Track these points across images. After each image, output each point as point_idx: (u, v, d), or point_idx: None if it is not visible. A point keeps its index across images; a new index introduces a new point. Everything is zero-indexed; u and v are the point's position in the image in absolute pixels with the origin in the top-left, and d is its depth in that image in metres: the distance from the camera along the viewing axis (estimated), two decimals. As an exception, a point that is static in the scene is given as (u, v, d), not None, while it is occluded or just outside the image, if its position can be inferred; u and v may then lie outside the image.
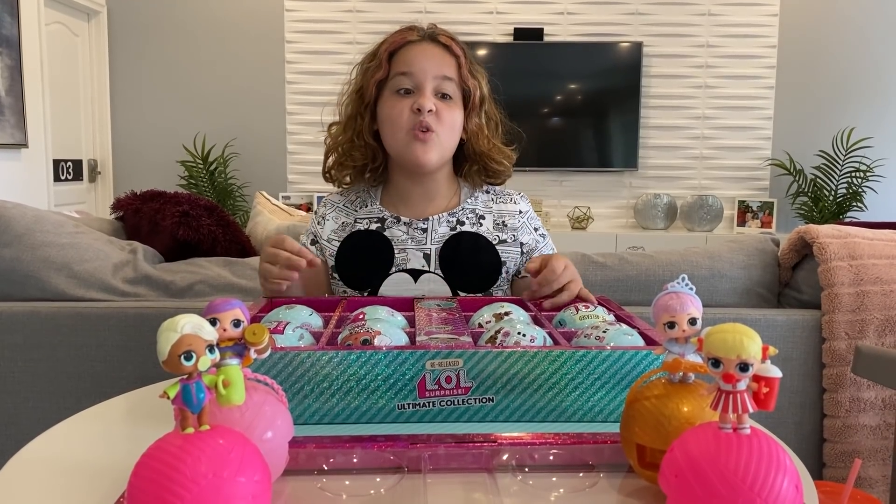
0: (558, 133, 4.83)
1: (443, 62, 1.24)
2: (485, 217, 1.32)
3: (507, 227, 1.31)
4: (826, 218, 4.58)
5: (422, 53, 1.24)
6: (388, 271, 1.25)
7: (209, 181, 4.73)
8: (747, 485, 0.49)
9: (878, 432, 1.55)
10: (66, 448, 0.76)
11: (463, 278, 1.26)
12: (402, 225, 1.29)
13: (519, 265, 1.32)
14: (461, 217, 1.31)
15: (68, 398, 1.53)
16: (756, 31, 4.81)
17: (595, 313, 0.96)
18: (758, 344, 0.51)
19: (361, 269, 1.27)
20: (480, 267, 1.27)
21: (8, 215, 1.54)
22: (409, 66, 1.23)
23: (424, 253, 1.26)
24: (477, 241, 1.28)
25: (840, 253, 1.56)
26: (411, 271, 1.25)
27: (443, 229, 1.28)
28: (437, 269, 1.26)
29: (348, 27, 4.84)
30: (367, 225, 1.30)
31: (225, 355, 0.57)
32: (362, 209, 1.33)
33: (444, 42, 1.27)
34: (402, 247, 1.27)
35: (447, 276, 1.25)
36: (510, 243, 1.30)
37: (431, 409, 0.77)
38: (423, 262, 1.26)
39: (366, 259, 1.27)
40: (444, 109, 1.22)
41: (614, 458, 0.68)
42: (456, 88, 1.25)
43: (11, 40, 3.74)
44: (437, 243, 1.27)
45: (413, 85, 1.22)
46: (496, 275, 1.27)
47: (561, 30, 4.84)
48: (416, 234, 1.28)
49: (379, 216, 1.30)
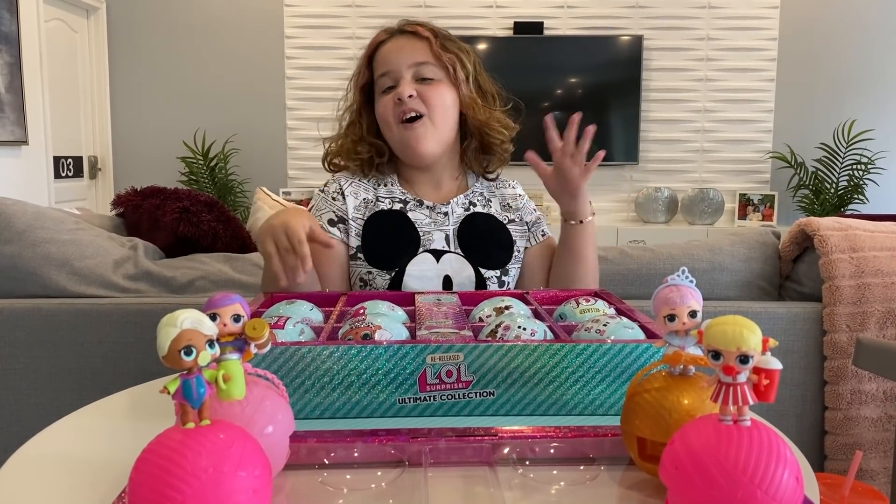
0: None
1: (414, 49, 1.27)
2: (491, 201, 1.37)
3: (512, 208, 1.37)
4: (827, 210, 4.58)
5: (394, 49, 1.28)
6: (416, 251, 1.26)
7: (209, 177, 4.73)
8: (748, 477, 0.49)
9: (879, 424, 1.55)
10: (68, 444, 0.76)
11: (481, 255, 1.29)
12: (425, 209, 1.31)
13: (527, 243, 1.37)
14: (472, 199, 1.35)
15: (70, 394, 1.53)
16: (756, 24, 4.80)
17: (595, 307, 0.96)
18: (758, 336, 0.51)
19: (389, 248, 1.27)
20: (496, 244, 1.32)
21: (8, 212, 1.54)
22: (385, 65, 1.27)
23: (445, 234, 1.30)
24: (489, 220, 1.34)
25: (841, 245, 1.56)
26: (433, 251, 1.28)
27: (459, 211, 1.33)
28: (457, 247, 1.29)
29: (348, 22, 4.82)
30: (389, 204, 1.31)
31: (225, 350, 0.57)
32: (382, 188, 1.33)
33: (411, 30, 1.30)
34: (425, 229, 1.29)
35: (467, 255, 1.28)
36: (517, 223, 1.36)
37: (432, 403, 0.78)
38: (444, 244, 1.29)
39: (392, 239, 1.28)
40: (427, 90, 1.25)
41: (615, 451, 0.68)
42: (436, 69, 1.27)
43: (11, 37, 3.73)
44: (455, 224, 1.31)
45: (393, 80, 1.27)
46: (510, 253, 1.32)
47: (561, 23, 4.83)
48: (438, 217, 1.31)
49: (401, 198, 1.32)
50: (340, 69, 4.79)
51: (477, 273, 1.27)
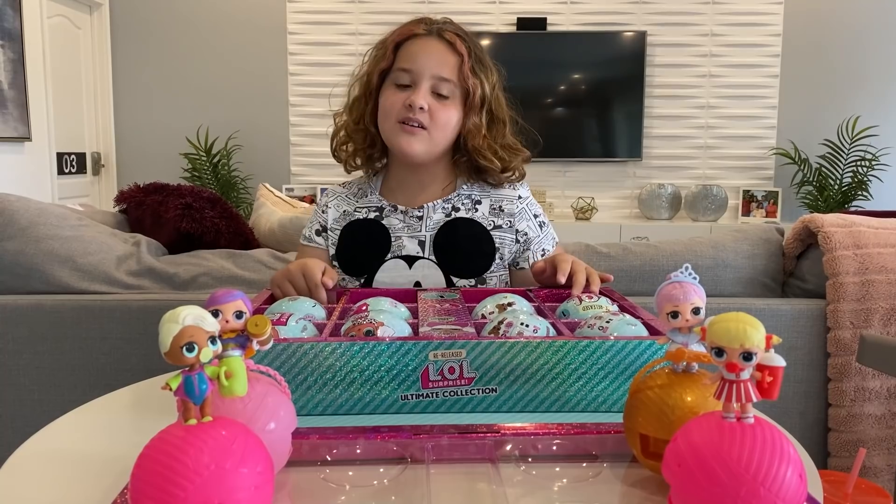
0: (562, 123, 4.82)
1: (443, 61, 1.24)
2: (481, 202, 1.32)
3: (503, 212, 1.31)
4: (831, 207, 4.56)
5: (424, 50, 1.24)
6: (385, 258, 1.27)
7: (212, 173, 4.74)
8: (751, 474, 0.49)
9: (882, 421, 1.54)
10: (72, 440, 0.76)
11: (456, 264, 1.27)
12: (399, 213, 1.31)
13: (515, 253, 1.31)
14: (456, 203, 1.32)
15: (73, 390, 1.53)
16: (761, 20, 4.78)
17: (598, 303, 0.96)
18: (761, 333, 0.51)
19: (359, 255, 1.29)
20: (474, 253, 1.28)
21: (12, 208, 1.54)
22: (410, 61, 1.23)
23: (419, 240, 1.28)
24: (471, 227, 1.29)
25: (845, 242, 1.56)
26: (406, 258, 1.27)
27: (438, 216, 1.30)
28: (432, 255, 1.27)
29: (351, 18, 4.82)
30: (365, 214, 1.32)
31: (227, 347, 0.57)
32: (362, 199, 1.35)
33: (450, 39, 1.25)
34: (398, 234, 1.29)
35: (440, 262, 1.27)
36: (505, 229, 1.30)
37: (434, 399, 0.77)
38: (418, 249, 1.28)
39: (363, 246, 1.30)
40: (438, 108, 1.23)
41: (617, 448, 0.68)
42: (454, 88, 1.24)
43: (14, 33, 3.73)
44: (432, 230, 1.29)
45: (411, 81, 1.23)
46: (489, 261, 1.28)
47: (564, 19, 4.82)
48: (412, 221, 1.30)
49: (377, 205, 1.33)
50: (343, 65, 4.79)
51: (448, 281, 1.26)
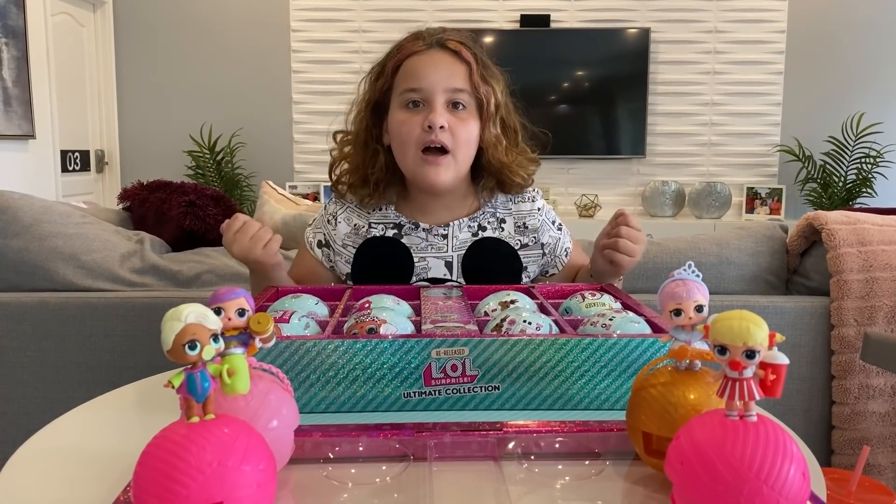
0: (565, 120, 4.81)
1: (453, 72, 1.16)
2: (505, 220, 1.27)
3: (528, 228, 1.27)
4: (835, 204, 4.55)
5: (430, 65, 1.16)
6: (409, 281, 1.21)
7: (216, 171, 4.74)
8: (754, 472, 0.48)
9: (886, 419, 1.54)
10: (76, 437, 0.76)
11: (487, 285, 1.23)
12: (422, 231, 1.23)
13: (543, 266, 1.30)
14: (482, 222, 1.26)
15: (77, 388, 1.54)
16: (765, 16, 4.77)
17: (601, 301, 0.96)
18: (764, 331, 0.51)
19: (380, 279, 1.20)
20: (502, 273, 1.24)
21: (16, 206, 1.54)
22: (417, 80, 1.15)
23: (446, 261, 1.22)
24: (499, 246, 1.24)
25: (849, 239, 1.55)
26: (433, 280, 1.21)
27: (464, 235, 1.24)
28: (460, 276, 1.22)
29: (354, 15, 4.81)
30: (382, 231, 1.24)
31: (230, 344, 0.57)
32: (376, 212, 1.26)
33: (454, 48, 1.18)
34: (421, 255, 1.22)
35: (469, 284, 1.21)
36: (531, 247, 1.27)
37: (437, 397, 0.77)
38: (445, 270, 1.22)
39: (385, 269, 1.22)
40: (457, 125, 1.16)
41: (620, 446, 0.68)
42: (469, 98, 1.17)
43: (17, 31, 3.74)
44: (459, 250, 1.23)
45: (422, 99, 1.16)
46: (517, 280, 1.24)
47: (568, 16, 4.81)
48: (437, 240, 1.23)
49: (395, 221, 1.24)
50: (347, 63, 4.79)
51: None
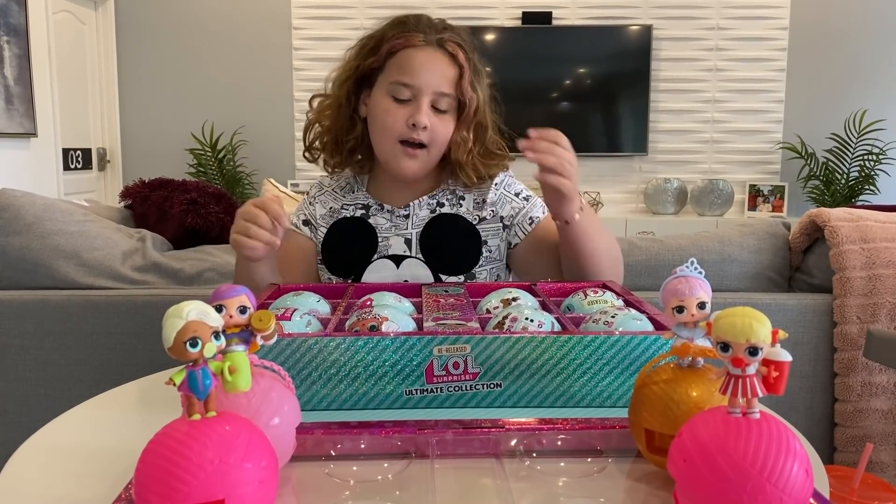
0: (567, 118, 4.80)
1: (445, 75, 1.20)
2: (464, 197, 1.29)
3: (486, 203, 1.28)
4: (838, 201, 4.54)
5: (425, 64, 1.19)
6: (371, 258, 1.26)
7: (218, 169, 4.74)
8: (756, 469, 0.48)
9: (889, 416, 1.54)
10: (77, 434, 0.76)
11: (443, 261, 1.26)
12: (386, 212, 1.29)
13: (505, 238, 1.29)
14: (441, 199, 1.29)
15: (79, 385, 1.54)
16: (767, 13, 4.76)
17: (604, 298, 0.96)
18: (767, 327, 0.50)
19: (346, 255, 1.28)
20: (460, 248, 1.26)
21: (17, 204, 1.55)
22: (409, 76, 1.18)
23: (406, 238, 1.27)
24: (455, 222, 1.27)
25: (852, 236, 1.55)
26: (393, 257, 1.26)
27: (423, 213, 1.28)
28: (419, 253, 1.26)
29: (355, 13, 4.81)
30: (352, 212, 1.31)
31: (231, 342, 0.57)
32: (349, 195, 1.33)
33: (451, 50, 1.20)
34: (384, 234, 1.28)
35: (428, 260, 1.26)
36: (490, 220, 1.27)
37: (439, 394, 0.77)
38: (405, 248, 1.27)
39: (350, 246, 1.28)
40: (438, 125, 1.21)
41: (623, 444, 0.68)
42: (452, 101, 1.22)
43: (19, 29, 3.74)
44: (418, 227, 1.27)
45: (411, 95, 1.19)
46: (477, 256, 1.26)
47: (570, 13, 4.80)
48: (399, 220, 1.28)
49: (364, 203, 1.31)
50: (348, 60, 4.78)
51: (437, 279, 1.25)
